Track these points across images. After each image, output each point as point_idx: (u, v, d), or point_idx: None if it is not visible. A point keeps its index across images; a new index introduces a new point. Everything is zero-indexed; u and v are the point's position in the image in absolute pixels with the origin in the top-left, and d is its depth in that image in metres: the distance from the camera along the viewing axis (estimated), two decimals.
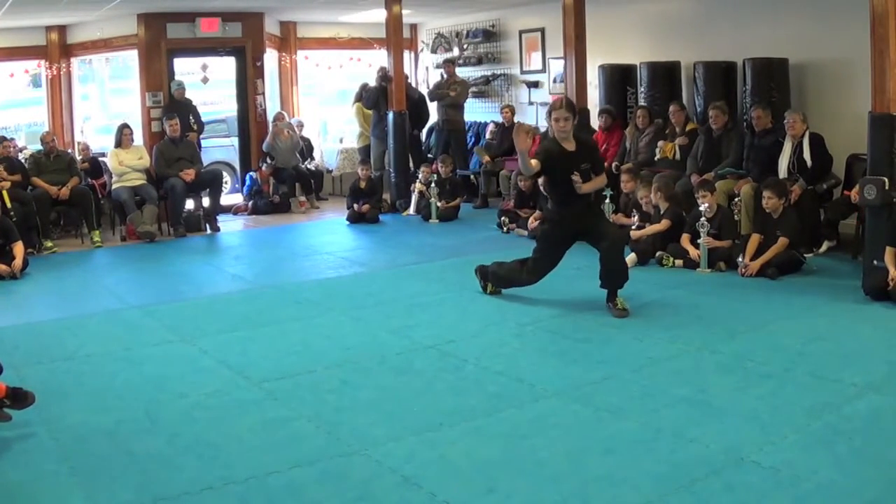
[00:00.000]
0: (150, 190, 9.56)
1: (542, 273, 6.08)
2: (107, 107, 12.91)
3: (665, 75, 9.36)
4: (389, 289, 6.80)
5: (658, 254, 7.27)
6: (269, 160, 11.16)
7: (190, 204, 10.04)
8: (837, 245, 7.39)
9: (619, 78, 9.87)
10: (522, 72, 11.95)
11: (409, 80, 11.90)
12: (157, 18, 10.68)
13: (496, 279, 6.32)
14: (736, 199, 7.61)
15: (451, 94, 11.35)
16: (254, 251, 9.02)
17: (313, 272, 7.62)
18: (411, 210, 10.53)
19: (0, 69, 11.38)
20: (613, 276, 5.81)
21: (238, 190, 12.06)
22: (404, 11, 10.78)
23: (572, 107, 5.89)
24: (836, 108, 8.01)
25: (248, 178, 11.49)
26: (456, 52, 12.72)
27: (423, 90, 12.11)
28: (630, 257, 7.23)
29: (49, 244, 8.77)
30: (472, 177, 11.58)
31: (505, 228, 9.12)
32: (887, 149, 5.88)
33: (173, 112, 10.16)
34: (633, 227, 7.63)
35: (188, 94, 10.83)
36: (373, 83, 11.47)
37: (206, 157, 11.32)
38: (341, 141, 13.16)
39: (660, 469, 3.40)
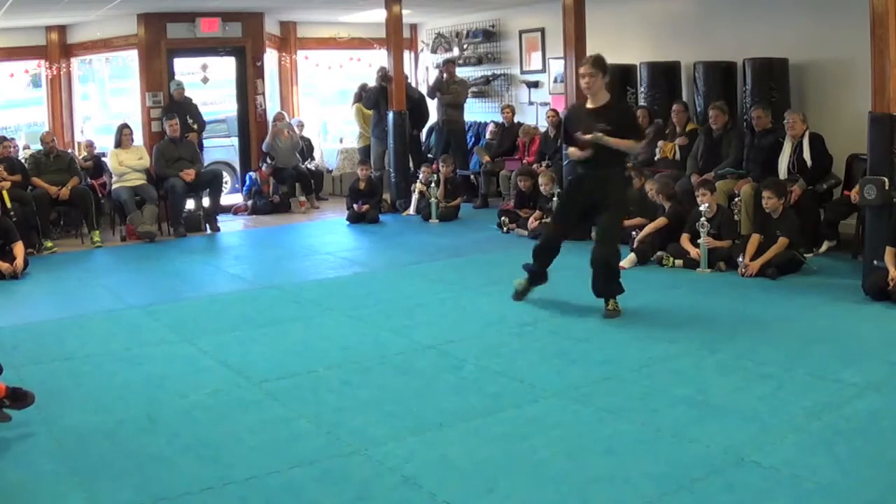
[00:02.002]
0: (150, 190, 9.56)
1: (554, 231, 6.05)
2: (107, 107, 12.92)
3: (665, 75, 9.37)
4: (389, 289, 6.80)
5: (658, 254, 7.27)
6: (269, 160, 11.16)
7: (190, 204, 10.04)
8: (837, 245, 7.39)
9: (619, 78, 9.81)
10: (522, 72, 11.95)
11: (408, 81, 11.90)
12: (157, 18, 10.69)
13: (530, 267, 6.07)
14: (736, 199, 7.61)
15: (454, 84, 11.35)
16: (254, 251, 9.03)
17: (313, 272, 7.63)
18: (411, 210, 10.53)
19: (0, 69, 11.39)
20: (595, 287, 5.75)
21: (238, 190, 12.06)
22: (404, 11, 10.78)
23: (598, 63, 5.55)
24: (836, 108, 8.01)
25: (248, 178, 11.50)
26: (456, 52, 12.72)
27: (424, 90, 12.11)
28: (630, 257, 7.23)
29: (49, 244, 8.78)
30: (472, 177, 11.58)
31: (505, 228, 9.12)
32: (887, 149, 5.88)
33: (173, 112, 10.17)
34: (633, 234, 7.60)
35: (188, 94, 10.83)
36: (372, 83, 11.48)
37: (207, 157, 11.34)
38: (341, 141, 13.17)
39: (660, 469, 3.40)
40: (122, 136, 9.63)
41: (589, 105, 5.68)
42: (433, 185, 10.04)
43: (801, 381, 4.37)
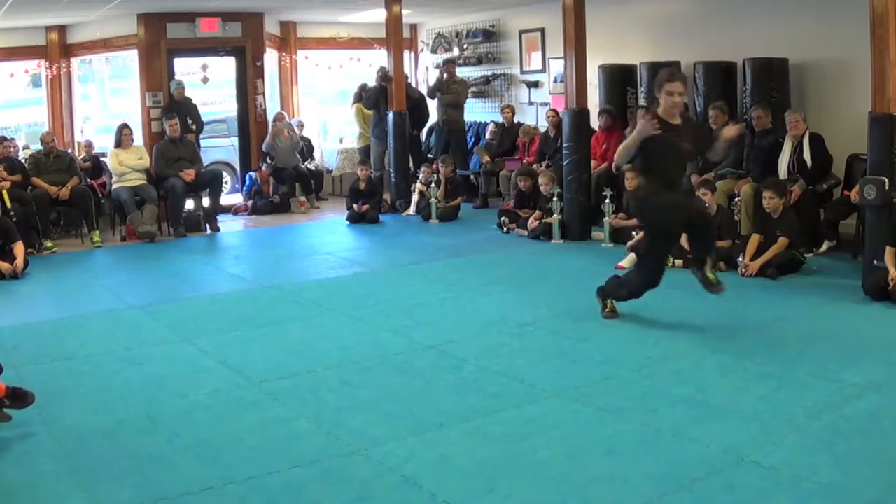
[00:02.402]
0: (150, 190, 9.56)
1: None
2: (107, 107, 12.92)
3: None
4: (389, 289, 6.80)
5: None
6: (268, 160, 11.16)
7: (190, 204, 10.03)
8: (837, 245, 7.38)
9: (619, 78, 9.87)
10: (522, 72, 11.95)
11: (408, 81, 11.90)
12: (157, 18, 10.69)
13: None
14: (736, 199, 7.62)
15: (454, 84, 11.35)
16: (254, 251, 9.02)
17: (313, 272, 7.62)
18: (411, 210, 10.53)
19: (0, 69, 11.39)
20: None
21: (238, 190, 12.06)
22: (404, 11, 10.78)
23: (686, 81, 5.40)
24: (836, 108, 8.01)
25: (248, 178, 11.50)
26: (456, 52, 12.72)
27: (424, 90, 12.12)
28: (630, 257, 7.23)
29: (49, 244, 8.78)
30: (472, 177, 11.58)
31: (505, 228, 9.12)
32: (887, 149, 5.88)
33: (173, 112, 10.17)
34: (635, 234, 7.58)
35: (188, 94, 10.83)
36: (372, 83, 11.48)
37: (206, 157, 11.32)
38: (341, 141, 13.16)
39: (660, 469, 3.40)
40: (122, 136, 9.63)
41: (671, 121, 5.23)
42: (433, 185, 10.04)
43: (801, 381, 4.37)
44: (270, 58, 12.09)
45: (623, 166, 6.82)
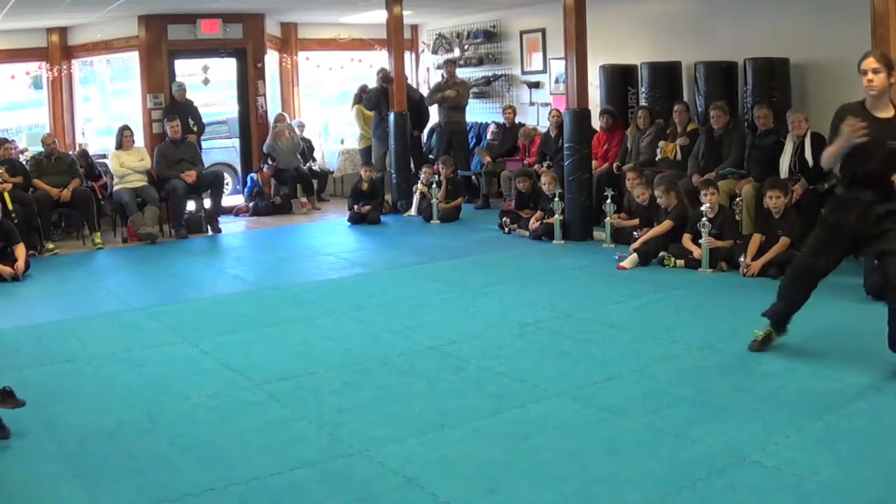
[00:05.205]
0: (152, 191, 9.57)
1: (812, 273, 4.69)
2: (108, 108, 12.92)
3: (666, 75, 9.37)
4: (391, 290, 6.80)
5: (660, 254, 7.27)
6: (270, 161, 11.16)
7: (191, 205, 10.05)
8: None
9: (620, 78, 9.87)
10: (523, 72, 11.96)
11: (408, 81, 11.90)
12: (157, 20, 10.70)
13: (776, 312, 4.82)
14: (737, 199, 7.61)
15: (451, 95, 11.35)
16: (255, 252, 9.02)
17: (315, 273, 7.63)
18: (413, 211, 10.53)
19: (1, 71, 11.41)
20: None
21: (239, 191, 12.07)
22: (405, 12, 10.79)
23: (886, 58, 4.40)
24: (837, 107, 7.98)
25: (249, 179, 11.50)
26: (457, 52, 12.73)
27: (425, 91, 12.11)
28: (631, 258, 7.23)
29: (50, 246, 8.79)
30: (473, 177, 11.59)
31: (506, 229, 9.12)
32: None
33: (174, 113, 10.18)
34: (635, 235, 7.56)
35: (189, 96, 10.84)
36: (372, 84, 11.49)
37: (208, 159, 11.33)
38: (342, 142, 13.17)
39: (662, 469, 3.40)
40: (123, 138, 9.65)
41: (878, 114, 4.60)
42: (434, 185, 10.05)
43: (802, 380, 4.37)
44: (271, 59, 12.10)
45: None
